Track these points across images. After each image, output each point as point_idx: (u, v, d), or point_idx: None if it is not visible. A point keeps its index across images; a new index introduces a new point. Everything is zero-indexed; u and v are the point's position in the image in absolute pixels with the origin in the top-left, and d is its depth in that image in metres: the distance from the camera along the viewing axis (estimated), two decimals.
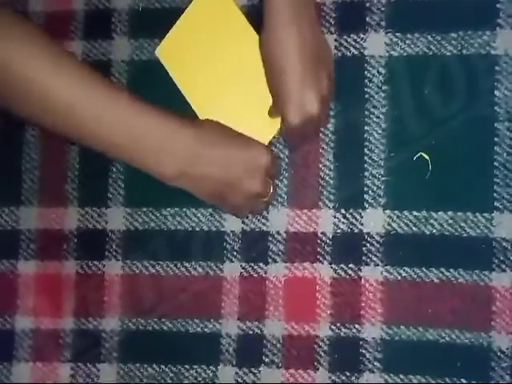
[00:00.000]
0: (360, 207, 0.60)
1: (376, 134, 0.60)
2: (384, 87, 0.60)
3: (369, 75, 0.61)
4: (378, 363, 0.59)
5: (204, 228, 0.62)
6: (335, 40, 0.61)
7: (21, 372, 0.63)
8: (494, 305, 0.58)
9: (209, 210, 0.62)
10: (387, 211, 0.60)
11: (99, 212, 0.63)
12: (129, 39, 0.64)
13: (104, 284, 0.63)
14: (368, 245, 0.60)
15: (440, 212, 0.59)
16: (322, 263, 0.60)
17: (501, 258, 0.58)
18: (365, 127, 0.60)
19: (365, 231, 0.60)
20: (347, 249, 0.60)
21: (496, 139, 0.59)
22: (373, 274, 0.60)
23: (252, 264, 0.61)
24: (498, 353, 0.58)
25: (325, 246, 0.60)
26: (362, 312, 0.59)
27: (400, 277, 0.59)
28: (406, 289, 0.59)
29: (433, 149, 0.59)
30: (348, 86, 0.60)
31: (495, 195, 0.59)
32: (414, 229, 0.59)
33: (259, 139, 0.58)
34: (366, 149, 0.60)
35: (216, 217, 0.62)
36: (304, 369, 0.60)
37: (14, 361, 0.63)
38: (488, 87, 0.59)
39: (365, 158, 0.60)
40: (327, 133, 0.61)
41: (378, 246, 0.60)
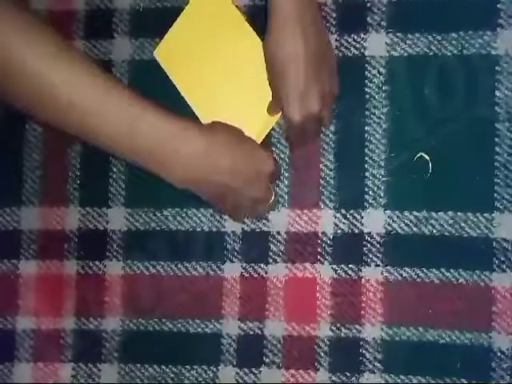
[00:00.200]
0: (360, 207, 0.60)
1: (376, 135, 0.60)
2: (385, 87, 0.60)
3: (369, 75, 0.61)
4: (379, 363, 0.59)
5: (205, 228, 0.62)
6: (336, 40, 0.61)
7: (22, 372, 0.63)
8: (495, 305, 0.58)
9: (209, 211, 0.62)
10: (388, 211, 0.60)
11: (100, 212, 0.63)
12: (130, 39, 0.64)
13: (105, 284, 0.63)
14: (368, 245, 0.60)
15: (440, 212, 0.59)
16: (323, 263, 0.60)
17: (501, 259, 0.58)
18: (365, 127, 0.60)
19: (365, 231, 0.60)
20: (348, 249, 0.60)
21: (496, 139, 0.59)
22: (373, 275, 0.60)
23: (252, 264, 0.61)
24: (499, 353, 0.58)
25: (325, 247, 0.60)
26: (363, 312, 0.59)
27: (400, 277, 0.59)
28: (407, 289, 0.59)
29: (433, 149, 0.59)
30: (349, 86, 0.60)
31: (496, 195, 0.59)
32: (415, 229, 0.59)
33: (255, 136, 0.59)
34: (367, 149, 0.60)
35: (217, 217, 0.62)
36: (304, 369, 0.60)
37: (16, 361, 0.63)
38: (488, 87, 0.59)
39: (365, 159, 0.60)
40: (328, 133, 0.61)
41: (379, 247, 0.60)
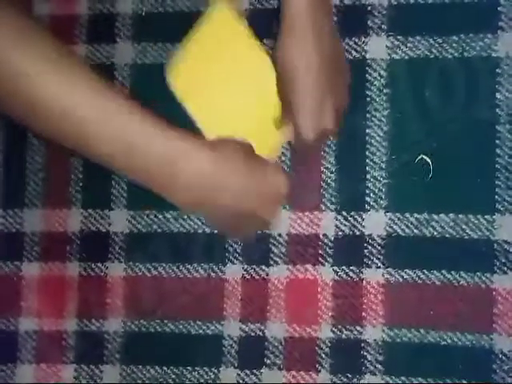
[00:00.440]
0: (362, 209, 0.60)
1: (377, 137, 0.60)
2: (385, 90, 0.60)
3: (370, 78, 0.61)
4: (380, 365, 0.59)
5: (206, 230, 0.62)
6: None
7: (24, 373, 0.63)
8: (496, 307, 0.58)
9: None
10: (389, 213, 0.60)
11: (102, 214, 0.64)
12: (132, 43, 0.64)
13: (107, 286, 0.63)
14: (369, 247, 0.60)
15: (441, 214, 0.59)
16: (324, 265, 0.60)
17: (502, 261, 0.58)
18: (366, 130, 0.60)
19: (366, 233, 0.60)
20: (349, 251, 0.60)
21: (497, 142, 0.59)
22: (374, 276, 0.60)
23: (254, 266, 0.61)
24: (500, 355, 0.58)
25: (326, 249, 0.60)
26: (364, 314, 0.59)
27: (401, 279, 0.59)
28: (408, 291, 0.59)
29: (434, 151, 0.59)
30: (350, 89, 0.60)
31: (497, 197, 0.59)
32: (416, 231, 0.59)
33: (267, 154, 0.56)
34: (368, 151, 0.60)
35: None
36: (306, 371, 0.60)
37: (18, 362, 0.63)
38: (489, 90, 0.59)
39: (366, 161, 0.60)
40: None
41: (380, 249, 0.60)
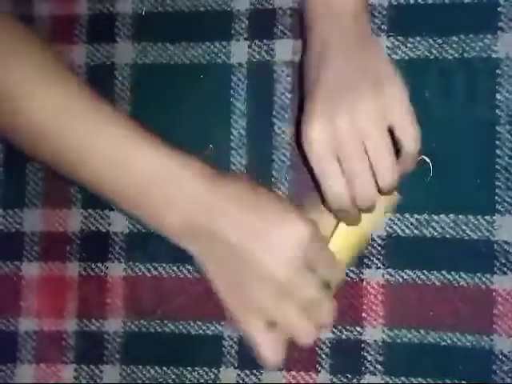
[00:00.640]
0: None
1: None
2: None
3: None
4: (380, 365, 0.59)
5: None
6: None
7: (24, 373, 0.63)
8: (496, 308, 0.58)
9: None
10: (388, 214, 0.60)
11: (102, 214, 0.64)
12: (132, 43, 0.64)
13: (107, 286, 0.63)
14: (369, 247, 0.60)
15: (441, 215, 0.59)
16: None
17: (502, 261, 0.58)
18: None
19: None
20: None
21: (497, 142, 0.59)
22: (374, 277, 0.60)
23: None
24: (500, 356, 0.58)
25: None
26: (364, 314, 0.59)
27: (401, 279, 0.59)
28: (408, 291, 0.59)
29: (434, 152, 0.59)
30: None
31: (497, 198, 0.59)
32: (416, 232, 0.59)
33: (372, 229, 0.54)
34: None
35: None
36: (305, 371, 0.60)
37: (18, 362, 0.63)
38: (489, 90, 0.59)
39: None
40: None
41: (380, 249, 0.60)
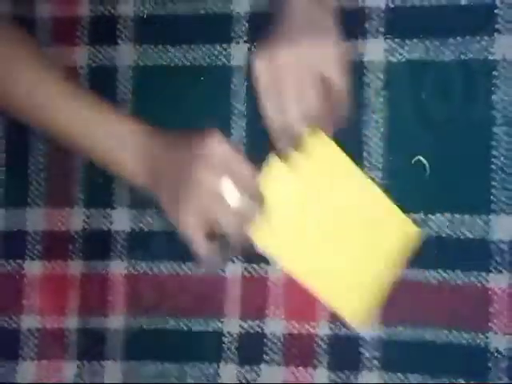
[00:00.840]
0: None
1: (374, 138, 0.61)
2: (383, 92, 0.61)
3: (368, 81, 0.61)
4: (377, 362, 0.60)
5: None
6: None
7: (26, 370, 0.64)
8: (492, 306, 0.59)
9: None
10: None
11: (104, 213, 0.64)
12: (134, 45, 0.65)
13: (108, 284, 0.63)
14: None
15: (438, 214, 0.60)
16: None
17: (497, 260, 0.59)
18: (363, 131, 0.61)
19: None
20: None
21: (493, 143, 0.59)
22: None
23: (253, 264, 0.62)
24: (496, 353, 0.58)
25: None
26: None
27: (398, 278, 0.60)
28: (404, 289, 0.59)
29: (431, 152, 0.60)
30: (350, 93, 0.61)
31: (492, 198, 0.59)
32: None
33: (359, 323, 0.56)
34: (365, 152, 0.61)
35: None
36: (304, 367, 0.61)
37: (20, 359, 0.64)
38: (486, 92, 0.60)
39: (363, 162, 0.61)
40: None
41: None
